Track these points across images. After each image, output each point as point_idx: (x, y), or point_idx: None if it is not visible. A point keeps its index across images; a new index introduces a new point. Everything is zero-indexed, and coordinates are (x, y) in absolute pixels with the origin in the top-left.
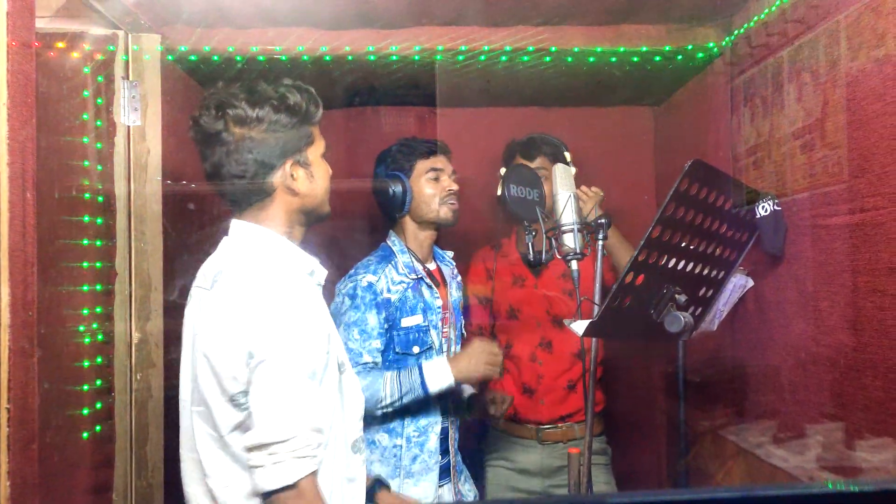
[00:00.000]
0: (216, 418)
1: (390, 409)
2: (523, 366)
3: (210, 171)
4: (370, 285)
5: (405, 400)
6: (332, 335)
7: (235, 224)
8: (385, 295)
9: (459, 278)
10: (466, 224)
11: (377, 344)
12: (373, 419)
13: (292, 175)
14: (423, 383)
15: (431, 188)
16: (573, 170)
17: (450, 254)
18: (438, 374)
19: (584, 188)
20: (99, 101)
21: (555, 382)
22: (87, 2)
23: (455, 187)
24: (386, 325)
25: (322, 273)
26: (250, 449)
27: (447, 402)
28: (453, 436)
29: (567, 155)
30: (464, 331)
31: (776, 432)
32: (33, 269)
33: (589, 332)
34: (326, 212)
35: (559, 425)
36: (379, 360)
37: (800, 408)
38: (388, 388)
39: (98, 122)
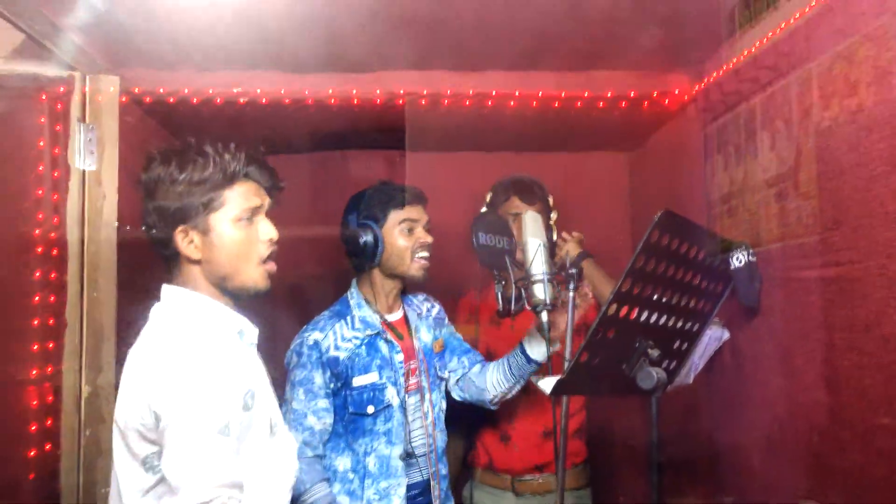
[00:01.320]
0: (123, 484)
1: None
2: (501, 412)
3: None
4: (315, 343)
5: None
6: (259, 393)
7: (164, 289)
8: (332, 353)
9: (435, 311)
10: (439, 270)
11: (324, 403)
12: (334, 479)
13: (190, 241)
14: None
15: (405, 240)
16: (554, 216)
17: (420, 296)
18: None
19: (564, 234)
20: (55, 143)
21: (530, 428)
22: (43, 42)
23: (429, 240)
24: (337, 385)
25: (252, 332)
26: None
27: (425, 456)
28: (437, 488)
29: (550, 199)
30: (440, 373)
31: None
32: None
33: (558, 390)
34: (250, 286)
35: (535, 475)
36: (327, 420)
37: (778, 470)
38: (307, 481)
39: (53, 167)
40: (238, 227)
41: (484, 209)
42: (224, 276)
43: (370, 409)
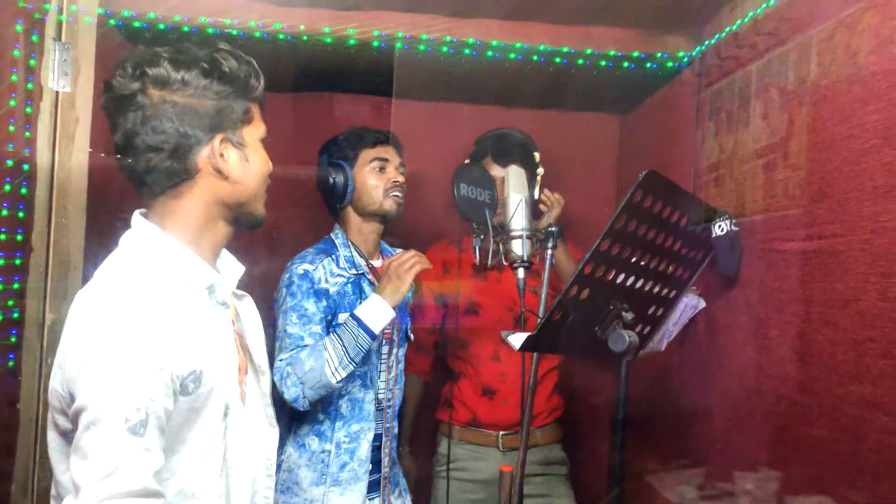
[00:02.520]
0: (52, 452)
1: (345, 375)
2: (483, 365)
3: (121, 142)
4: (305, 273)
5: (354, 355)
6: (210, 372)
7: (136, 220)
8: (323, 285)
9: None
10: (420, 221)
11: (317, 329)
12: (303, 420)
13: (222, 154)
14: (365, 328)
15: (375, 179)
16: (539, 172)
17: (399, 251)
18: (376, 311)
19: (546, 192)
20: (30, 63)
21: (518, 382)
22: None
23: (400, 179)
24: (328, 317)
25: (226, 288)
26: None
27: (381, 408)
28: (388, 445)
29: (536, 155)
30: (409, 333)
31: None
32: None
33: (527, 346)
34: (259, 213)
35: (520, 431)
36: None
37: (742, 438)
38: (331, 349)
39: (27, 87)
40: (262, 147)
41: (466, 161)
42: (246, 199)
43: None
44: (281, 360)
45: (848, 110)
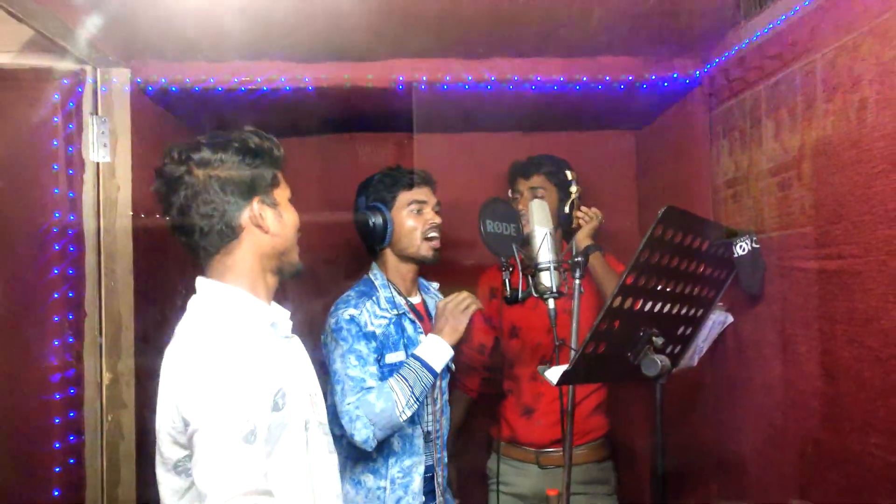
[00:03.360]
0: (165, 487)
1: (410, 413)
2: (524, 385)
3: (176, 216)
4: (352, 318)
5: (419, 394)
6: (292, 389)
7: (200, 282)
8: (369, 328)
9: None
10: (448, 251)
11: (374, 369)
12: (357, 458)
13: (261, 214)
14: (427, 367)
15: (413, 221)
16: (573, 191)
17: (435, 285)
18: (436, 351)
19: (584, 209)
20: (68, 135)
21: (553, 403)
22: (53, 39)
23: (437, 220)
24: (377, 357)
25: (287, 324)
26: None
27: (432, 440)
28: (440, 475)
29: (569, 174)
30: (451, 363)
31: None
32: None
33: (563, 380)
34: (296, 262)
35: (558, 448)
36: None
37: (776, 452)
38: (398, 390)
39: (68, 159)
40: (291, 205)
41: (509, 192)
42: (284, 249)
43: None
44: (349, 404)
45: (855, 135)
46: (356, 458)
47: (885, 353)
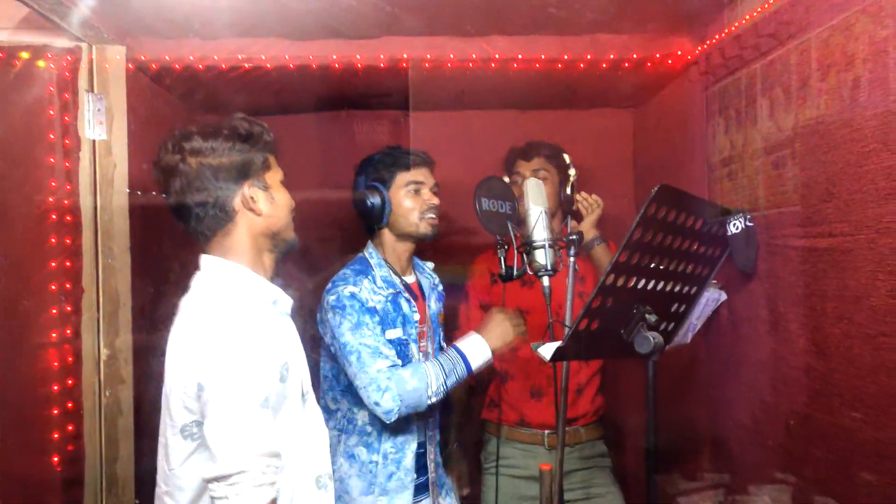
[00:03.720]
0: (171, 452)
1: (435, 400)
2: (532, 368)
3: (174, 203)
4: (353, 294)
5: (450, 385)
6: (293, 363)
7: (204, 259)
8: (370, 304)
9: (440, 288)
10: (444, 230)
11: (384, 339)
12: (352, 432)
13: (252, 197)
14: (466, 363)
15: (411, 201)
16: (572, 174)
17: (430, 265)
18: (477, 351)
19: (584, 194)
20: (64, 113)
21: (568, 384)
22: (49, 17)
23: (435, 201)
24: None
25: (287, 302)
26: (210, 480)
27: (425, 419)
28: (432, 451)
29: (566, 157)
30: (443, 343)
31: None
32: None
33: (557, 356)
34: (292, 238)
35: (566, 429)
36: (393, 353)
37: (768, 427)
38: (433, 375)
39: (64, 136)
40: (283, 187)
41: (505, 178)
42: (279, 230)
43: (400, 363)
44: (378, 371)
45: (847, 114)
46: (350, 431)
47: (874, 331)
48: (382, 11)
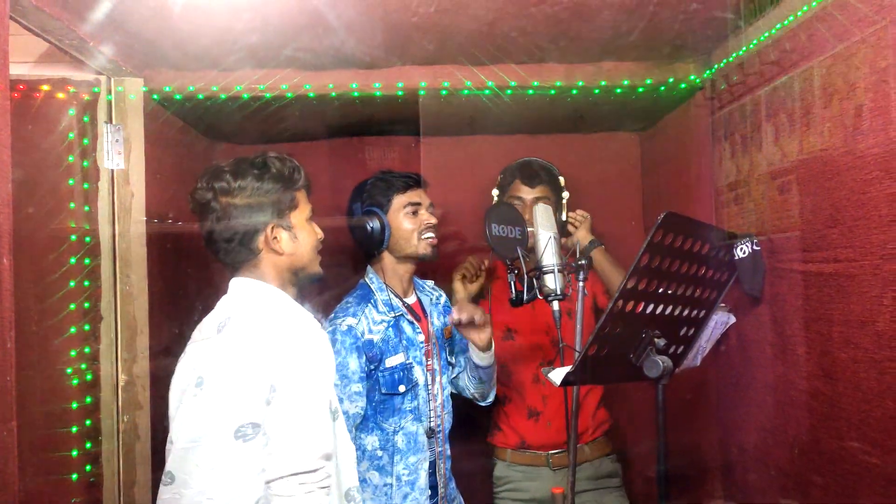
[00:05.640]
0: (215, 454)
1: None
2: (526, 389)
3: (206, 236)
4: (350, 329)
5: None
6: (320, 378)
7: (235, 281)
8: (367, 336)
9: (443, 299)
10: (451, 252)
11: (357, 388)
12: (362, 457)
13: (276, 237)
14: None
15: (410, 223)
16: (566, 196)
17: (430, 283)
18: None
19: (572, 215)
20: (84, 143)
21: (562, 403)
22: (70, 52)
23: (433, 221)
24: (370, 367)
25: (314, 323)
26: (276, 479)
27: (435, 437)
28: (442, 467)
29: (561, 179)
30: (449, 358)
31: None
32: (11, 333)
33: (567, 381)
34: (316, 272)
35: (568, 451)
36: (360, 403)
37: (776, 450)
38: None
39: (83, 166)
40: (308, 225)
41: (494, 191)
42: (301, 267)
43: (401, 389)
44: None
45: (851, 142)
46: (359, 458)
47: (880, 355)
48: (394, 42)
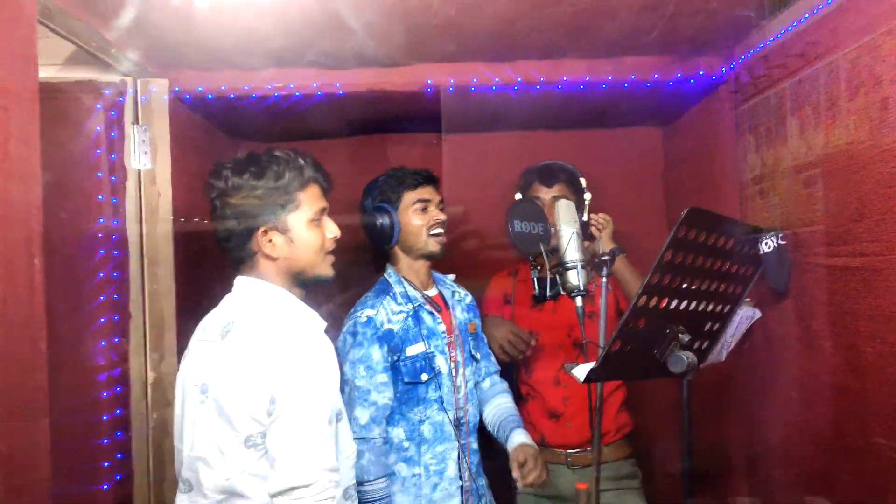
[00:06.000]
0: (229, 461)
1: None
2: (547, 390)
3: (214, 233)
4: (369, 320)
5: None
6: (336, 384)
7: (240, 280)
8: (386, 326)
9: (468, 299)
10: (473, 249)
11: (383, 378)
12: (388, 450)
13: (270, 240)
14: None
15: (419, 219)
16: (587, 197)
17: (451, 277)
18: None
19: (594, 216)
20: (111, 144)
21: (582, 404)
22: (96, 55)
23: (442, 217)
24: (393, 358)
25: (321, 324)
26: (275, 494)
27: (459, 428)
28: (467, 460)
29: (582, 180)
30: (474, 352)
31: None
32: (42, 332)
33: (591, 377)
34: (321, 274)
35: (588, 448)
36: (388, 394)
37: (803, 446)
38: (368, 471)
39: (109, 168)
40: (312, 226)
41: (517, 194)
42: (300, 270)
43: (424, 377)
44: (362, 427)
45: (877, 135)
46: (387, 451)
47: None
48: (414, 40)
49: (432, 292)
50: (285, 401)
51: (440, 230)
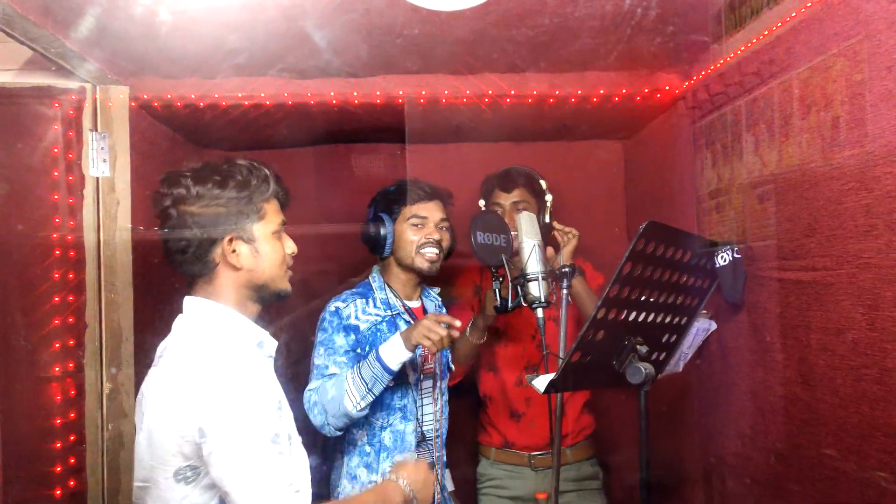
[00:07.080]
0: (163, 494)
1: (364, 406)
2: (509, 390)
3: (164, 244)
4: (336, 310)
5: (372, 387)
6: (282, 405)
7: (188, 301)
8: (352, 321)
9: (444, 313)
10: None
11: (342, 360)
12: (353, 453)
13: (234, 250)
14: (380, 361)
15: (413, 235)
16: (549, 199)
17: (436, 290)
18: (394, 350)
19: (560, 227)
20: (69, 151)
21: (544, 406)
22: (55, 60)
23: (435, 236)
24: (358, 350)
25: (272, 344)
26: None
27: (431, 441)
28: (439, 473)
29: (542, 183)
30: (451, 364)
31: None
32: None
33: (550, 388)
34: (281, 288)
35: (550, 451)
36: (346, 371)
37: (756, 455)
38: (351, 382)
39: (67, 175)
40: (274, 239)
41: (481, 201)
42: (263, 283)
43: (390, 384)
44: (309, 390)
45: (828, 153)
46: (351, 452)
47: (856, 362)
48: (378, 52)
49: (414, 304)
50: (216, 432)
51: (432, 249)
